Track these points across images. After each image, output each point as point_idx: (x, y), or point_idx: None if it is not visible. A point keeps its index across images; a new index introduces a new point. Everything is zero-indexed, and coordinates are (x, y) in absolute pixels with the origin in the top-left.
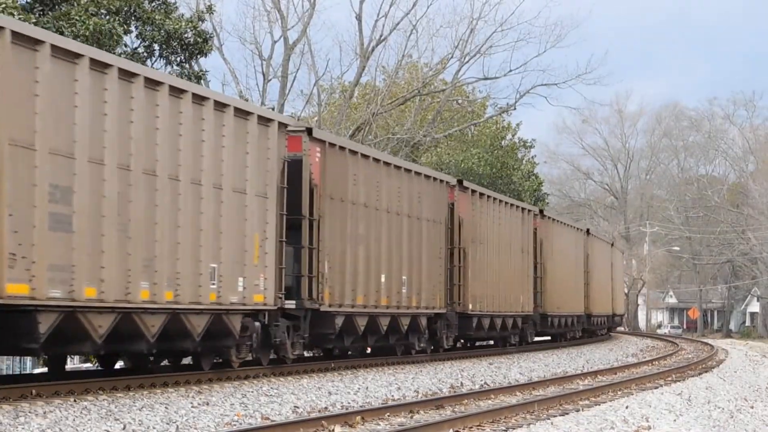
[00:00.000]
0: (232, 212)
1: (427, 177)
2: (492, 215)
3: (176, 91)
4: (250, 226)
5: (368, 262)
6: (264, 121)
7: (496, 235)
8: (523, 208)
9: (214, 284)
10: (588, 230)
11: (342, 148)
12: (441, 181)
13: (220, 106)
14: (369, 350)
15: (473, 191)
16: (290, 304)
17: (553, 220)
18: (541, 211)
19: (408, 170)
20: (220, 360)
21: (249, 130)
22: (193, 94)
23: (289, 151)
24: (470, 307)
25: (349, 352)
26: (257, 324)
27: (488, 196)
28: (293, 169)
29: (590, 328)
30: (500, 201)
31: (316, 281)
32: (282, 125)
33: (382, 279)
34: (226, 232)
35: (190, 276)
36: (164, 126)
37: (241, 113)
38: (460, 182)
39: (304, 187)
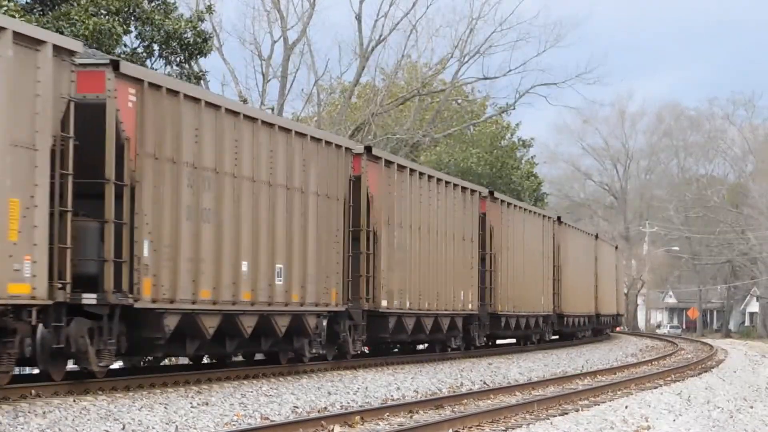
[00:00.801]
0: None
1: (321, 141)
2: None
3: None
4: (1, 188)
5: (219, 245)
6: (28, 42)
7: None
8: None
9: None
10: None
11: (173, 92)
12: (343, 148)
13: None
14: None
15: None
16: (89, 298)
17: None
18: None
19: (287, 130)
20: None
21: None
22: None
23: (82, 91)
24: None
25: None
26: (22, 326)
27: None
28: (90, 115)
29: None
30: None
31: (129, 268)
32: (64, 52)
33: (244, 267)
34: None
35: None
36: None
37: None
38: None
39: (108, 140)
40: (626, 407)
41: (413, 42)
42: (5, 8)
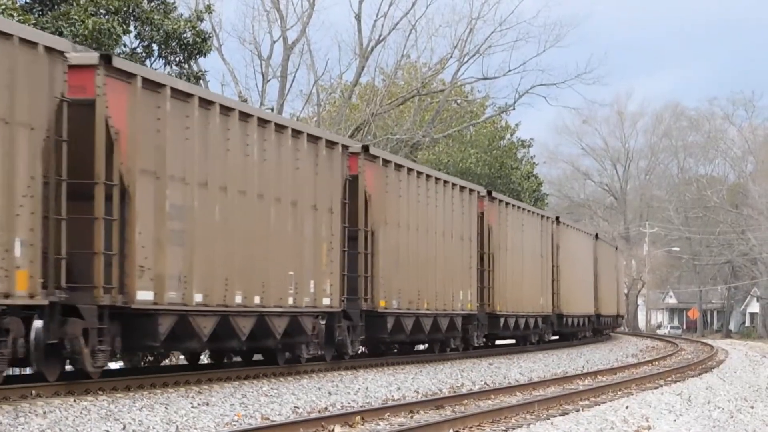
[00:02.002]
0: None
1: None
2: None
3: None
4: None
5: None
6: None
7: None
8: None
9: None
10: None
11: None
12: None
13: None
14: None
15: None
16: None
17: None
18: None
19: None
20: None
21: None
22: None
23: None
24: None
25: None
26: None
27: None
28: None
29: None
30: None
31: None
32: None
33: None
34: None
35: None
36: None
37: None
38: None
39: None
40: (627, 407)
41: (413, 42)
42: (3, 7)
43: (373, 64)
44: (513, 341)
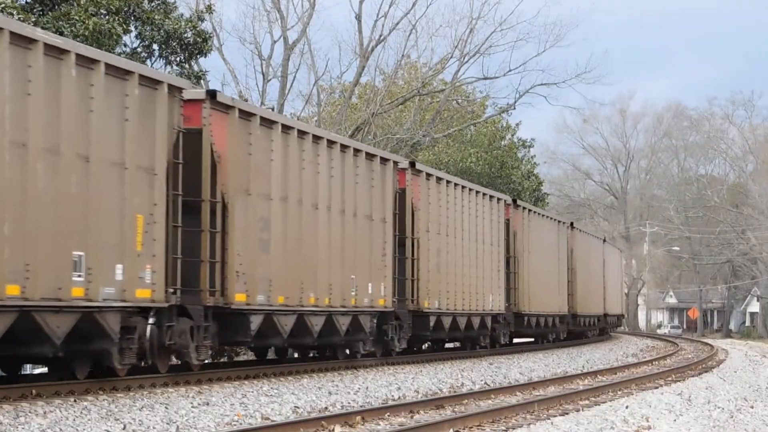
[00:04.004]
0: None
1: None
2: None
3: None
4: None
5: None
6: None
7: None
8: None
9: None
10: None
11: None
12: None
13: None
14: None
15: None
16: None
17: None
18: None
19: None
20: None
21: None
22: None
23: None
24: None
25: None
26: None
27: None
28: None
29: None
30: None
31: None
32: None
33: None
34: None
35: None
36: None
37: None
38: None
39: None
40: (627, 407)
41: (413, 42)
42: (3, 6)
43: (373, 64)
44: (532, 339)
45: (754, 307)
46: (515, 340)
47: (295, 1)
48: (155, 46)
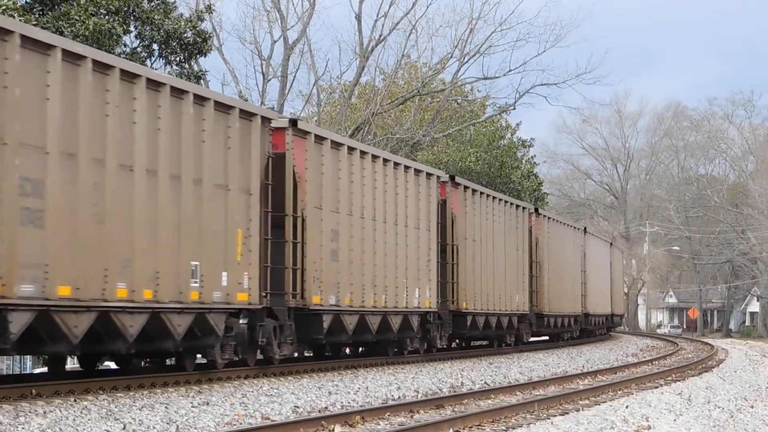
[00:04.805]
0: None
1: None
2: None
3: None
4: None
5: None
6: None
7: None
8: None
9: None
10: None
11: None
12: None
13: None
14: None
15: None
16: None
17: (549, 218)
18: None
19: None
20: None
21: None
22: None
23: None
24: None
25: None
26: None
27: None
28: None
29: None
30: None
31: None
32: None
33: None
34: None
35: None
36: None
37: None
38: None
39: None
40: (627, 407)
41: (413, 42)
42: (4, 7)
43: (373, 64)
44: (547, 338)
45: (754, 306)
46: (532, 339)
47: (295, 1)
48: (155, 46)
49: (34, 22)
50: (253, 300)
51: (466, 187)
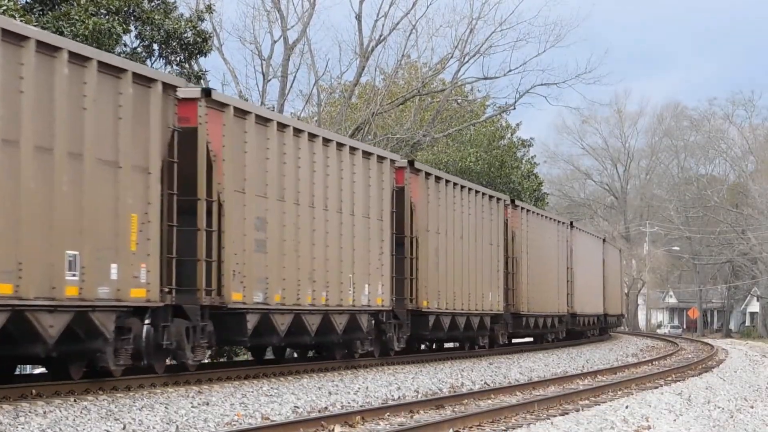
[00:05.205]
0: None
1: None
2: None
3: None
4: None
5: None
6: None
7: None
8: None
9: None
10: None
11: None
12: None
13: None
14: None
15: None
16: None
17: (580, 230)
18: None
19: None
20: None
21: None
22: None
23: None
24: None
25: None
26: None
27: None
28: None
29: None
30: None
31: None
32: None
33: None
34: None
35: None
36: None
37: None
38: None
39: None
40: (627, 407)
41: (413, 42)
42: (4, 7)
43: (373, 64)
44: (531, 339)
45: (754, 307)
46: (515, 341)
47: (295, 1)
48: (155, 46)
49: (35, 23)
50: (153, 297)
51: (428, 174)
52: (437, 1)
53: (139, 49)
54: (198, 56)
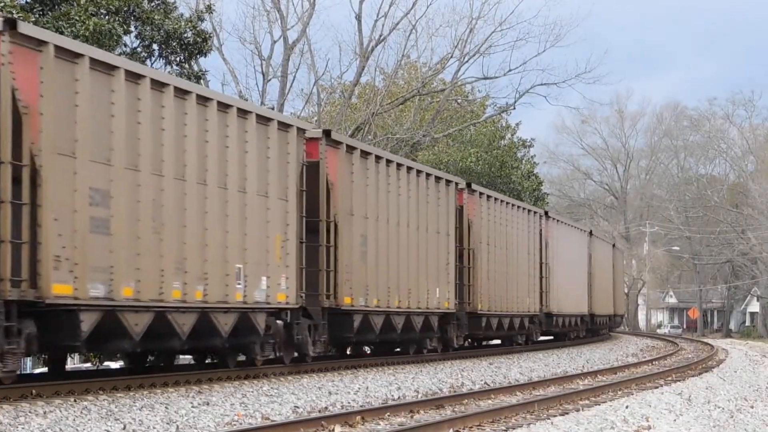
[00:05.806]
0: None
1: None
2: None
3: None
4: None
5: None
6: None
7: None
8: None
9: None
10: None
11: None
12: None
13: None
14: None
15: (481, 194)
16: None
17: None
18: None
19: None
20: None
21: None
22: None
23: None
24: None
25: None
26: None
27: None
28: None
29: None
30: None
31: None
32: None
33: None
34: None
35: None
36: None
37: None
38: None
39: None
40: (627, 407)
41: (413, 42)
42: (3, 6)
43: (373, 64)
44: (552, 337)
45: (754, 307)
46: (540, 338)
47: (295, 1)
48: (155, 46)
49: (33, 21)
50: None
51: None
52: (437, 1)
53: (139, 50)
54: (198, 56)
